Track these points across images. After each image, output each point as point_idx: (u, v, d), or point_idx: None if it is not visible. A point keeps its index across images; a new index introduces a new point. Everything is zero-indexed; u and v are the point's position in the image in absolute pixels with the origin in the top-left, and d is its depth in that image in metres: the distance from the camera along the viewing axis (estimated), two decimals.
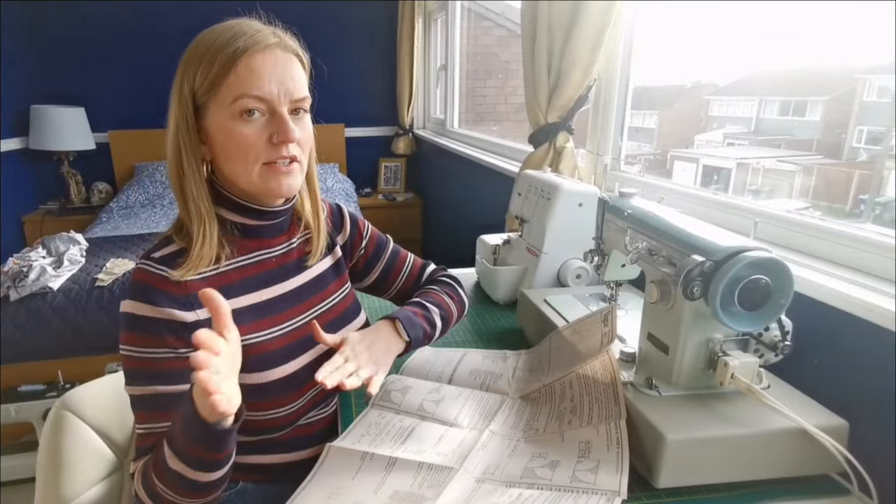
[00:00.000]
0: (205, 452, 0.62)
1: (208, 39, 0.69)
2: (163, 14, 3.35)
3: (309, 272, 0.85)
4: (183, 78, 0.70)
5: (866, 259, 0.85)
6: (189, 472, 0.63)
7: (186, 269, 0.71)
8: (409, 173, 3.90)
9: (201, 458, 0.62)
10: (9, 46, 3.07)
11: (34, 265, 2.03)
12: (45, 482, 0.82)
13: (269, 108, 0.70)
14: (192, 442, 0.61)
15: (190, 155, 0.71)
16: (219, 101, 0.69)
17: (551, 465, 0.67)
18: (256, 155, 0.71)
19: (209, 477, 0.64)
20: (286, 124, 0.70)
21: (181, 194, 0.73)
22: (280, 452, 0.82)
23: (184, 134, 0.70)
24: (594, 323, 0.84)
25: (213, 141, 0.72)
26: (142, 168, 3.41)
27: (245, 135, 0.69)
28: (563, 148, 1.55)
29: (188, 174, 0.71)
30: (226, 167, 0.73)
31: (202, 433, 0.60)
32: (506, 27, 3.93)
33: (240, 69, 0.68)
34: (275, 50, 0.70)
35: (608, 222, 0.93)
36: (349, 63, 3.69)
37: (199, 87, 0.69)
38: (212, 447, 0.62)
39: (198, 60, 0.69)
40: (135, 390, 0.70)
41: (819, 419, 0.67)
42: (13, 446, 1.98)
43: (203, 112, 0.71)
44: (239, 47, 0.68)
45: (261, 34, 0.70)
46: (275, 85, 0.69)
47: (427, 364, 0.95)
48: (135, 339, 0.69)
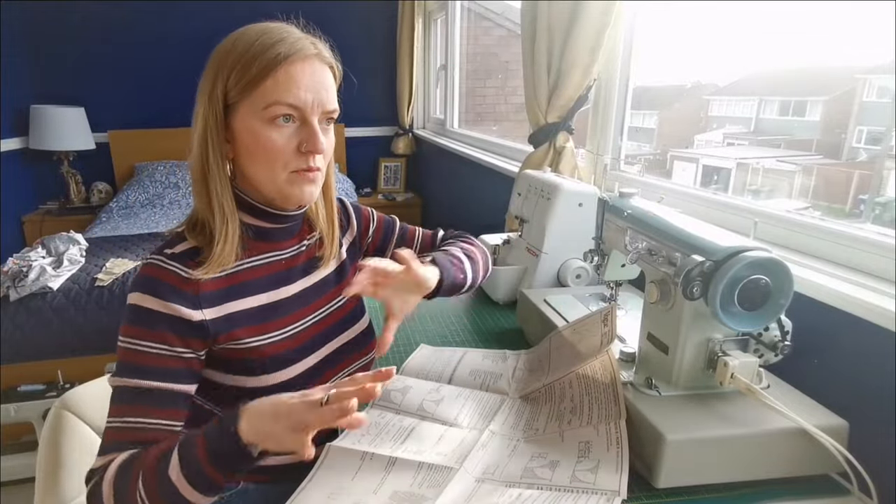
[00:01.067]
0: (219, 473, 0.61)
1: (247, 40, 0.69)
2: (163, 14, 3.35)
3: (314, 275, 0.85)
4: (217, 75, 0.69)
5: (866, 259, 0.85)
6: (187, 490, 0.61)
7: (208, 267, 0.71)
8: (409, 173, 3.90)
9: (211, 478, 0.61)
10: (9, 46, 3.07)
11: (34, 265, 2.03)
12: (44, 482, 0.82)
13: (300, 116, 0.70)
14: (215, 459, 0.60)
15: (217, 152, 0.71)
16: (251, 104, 0.69)
17: (551, 465, 0.67)
18: (285, 162, 0.71)
19: (201, 499, 0.62)
20: (316, 135, 0.70)
21: (205, 191, 0.72)
22: (280, 453, 0.82)
23: (213, 131, 0.70)
24: (594, 323, 0.84)
25: (239, 141, 0.72)
26: (142, 168, 3.40)
27: (274, 139, 0.70)
28: (563, 148, 1.55)
29: (214, 171, 0.71)
30: (249, 169, 0.73)
31: (232, 453, 0.59)
32: (506, 27, 3.93)
33: (279, 75, 0.68)
34: (314, 61, 0.71)
35: (608, 222, 0.93)
36: (349, 63, 3.66)
37: (232, 87, 0.69)
38: (230, 469, 0.61)
39: (235, 60, 0.68)
40: (121, 381, 0.68)
41: (819, 419, 0.67)
42: (13, 446, 1.98)
43: (232, 111, 0.71)
44: (281, 53, 0.68)
45: (301, 42, 0.70)
46: (310, 95, 0.70)
47: (427, 364, 0.95)
48: (135, 331, 0.68)
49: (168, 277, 0.70)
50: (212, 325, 0.72)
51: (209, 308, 0.72)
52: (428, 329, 1.12)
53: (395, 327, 0.74)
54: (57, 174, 3.37)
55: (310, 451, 0.59)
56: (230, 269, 0.75)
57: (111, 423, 0.67)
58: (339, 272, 0.90)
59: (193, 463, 0.61)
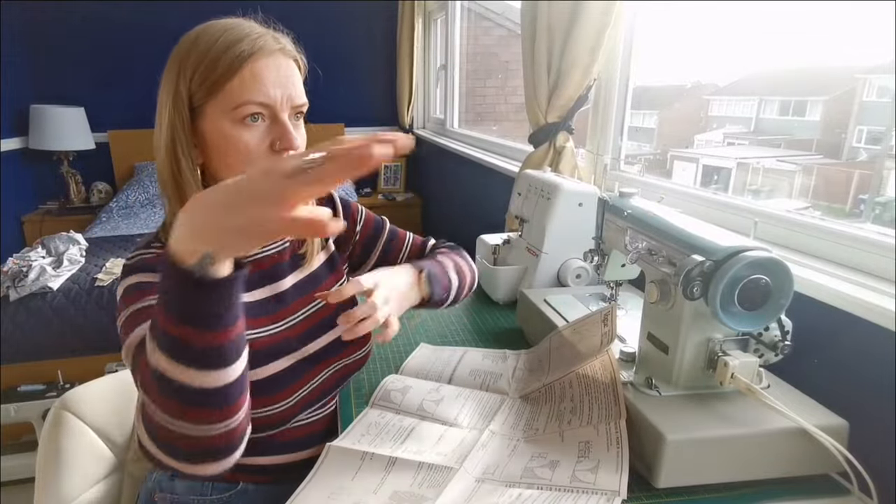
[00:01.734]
0: (186, 326, 0.46)
1: (207, 40, 0.68)
2: (163, 14, 3.34)
3: (302, 270, 0.85)
4: (178, 77, 0.68)
5: (866, 259, 0.85)
6: (178, 370, 0.47)
7: None
8: (409, 173, 3.90)
9: (181, 337, 0.47)
10: (9, 46, 3.07)
11: (34, 265, 2.03)
12: (44, 482, 0.82)
13: (270, 113, 0.69)
14: (169, 306, 0.47)
15: (187, 157, 0.69)
16: (218, 105, 0.68)
17: (551, 464, 0.67)
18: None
19: (199, 376, 0.48)
20: (289, 133, 0.69)
21: (178, 198, 0.70)
22: (280, 453, 0.82)
23: (180, 135, 0.68)
24: (594, 323, 0.84)
25: (209, 145, 0.70)
26: (141, 168, 3.41)
27: (246, 140, 0.68)
28: (563, 148, 1.55)
29: (187, 176, 0.69)
30: (222, 172, 0.71)
31: (177, 283, 0.45)
32: (506, 27, 3.93)
33: (244, 74, 0.67)
34: (278, 56, 0.70)
35: (608, 222, 0.93)
36: (349, 63, 3.69)
37: (196, 89, 0.67)
38: (193, 310, 0.46)
39: (197, 61, 0.67)
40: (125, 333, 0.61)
41: (819, 419, 0.67)
42: (13, 446, 1.98)
43: (198, 114, 0.69)
44: (244, 51, 0.66)
45: (263, 39, 0.69)
46: (278, 91, 0.68)
47: (427, 364, 0.95)
48: (133, 297, 0.65)
49: (153, 260, 0.70)
50: None
51: None
52: (428, 329, 1.12)
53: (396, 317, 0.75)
54: (57, 174, 3.37)
55: (306, 217, 0.42)
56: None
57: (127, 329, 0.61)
58: (330, 264, 0.90)
59: (159, 331, 0.48)
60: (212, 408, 0.50)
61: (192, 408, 0.49)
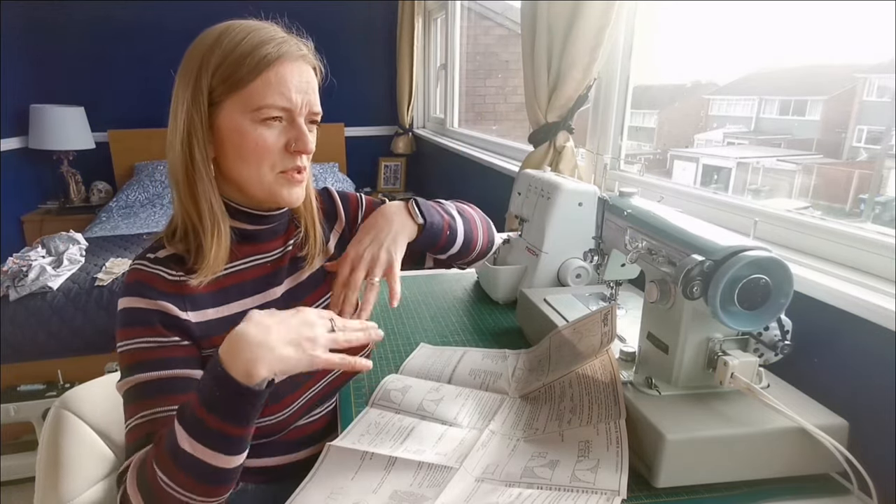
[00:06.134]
0: (226, 423, 0.57)
1: (233, 37, 0.68)
2: (163, 14, 3.35)
3: (302, 272, 0.85)
4: (200, 70, 0.68)
5: (866, 259, 0.85)
6: (207, 454, 0.57)
7: (201, 275, 0.70)
8: (409, 173, 3.90)
9: (221, 431, 0.57)
10: (9, 46, 3.07)
11: (34, 265, 2.03)
12: (44, 482, 0.82)
13: (289, 117, 0.70)
14: (213, 407, 0.57)
15: (203, 152, 0.69)
16: (239, 103, 0.68)
17: (551, 464, 0.67)
18: (273, 162, 0.70)
19: (228, 459, 0.59)
20: (305, 136, 0.71)
21: (191, 194, 0.70)
22: (280, 453, 0.82)
23: (197, 129, 0.68)
24: (594, 322, 0.84)
25: (224, 140, 0.70)
26: (141, 168, 3.41)
27: (265, 137, 0.69)
28: (563, 147, 1.55)
29: (201, 171, 0.69)
30: (234, 170, 0.71)
31: (228, 393, 0.56)
32: (506, 26, 3.94)
33: (269, 77, 0.67)
34: (301, 62, 0.71)
35: (608, 222, 0.93)
36: (349, 63, 3.69)
37: (217, 85, 0.68)
38: (236, 412, 0.57)
39: (221, 57, 0.67)
40: (128, 382, 0.67)
41: (819, 419, 0.67)
42: (13, 446, 1.98)
43: (216, 110, 0.69)
44: (270, 54, 0.67)
45: (288, 44, 0.70)
46: (300, 96, 0.70)
47: (427, 363, 0.95)
48: (131, 331, 0.68)
49: (153, 281, 0.70)
50: (196, 329, 0.71)
51: (193, 311, 0.72)
52: (428, 329, 1.12)
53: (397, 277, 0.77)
54: (57, 174, 3.37)
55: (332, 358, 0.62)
56: (217, 274, 0.74)
57: (129, 425, 0.66)
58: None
59: (196, 423, 0.57)
60: (221, 484, 0.61)
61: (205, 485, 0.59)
